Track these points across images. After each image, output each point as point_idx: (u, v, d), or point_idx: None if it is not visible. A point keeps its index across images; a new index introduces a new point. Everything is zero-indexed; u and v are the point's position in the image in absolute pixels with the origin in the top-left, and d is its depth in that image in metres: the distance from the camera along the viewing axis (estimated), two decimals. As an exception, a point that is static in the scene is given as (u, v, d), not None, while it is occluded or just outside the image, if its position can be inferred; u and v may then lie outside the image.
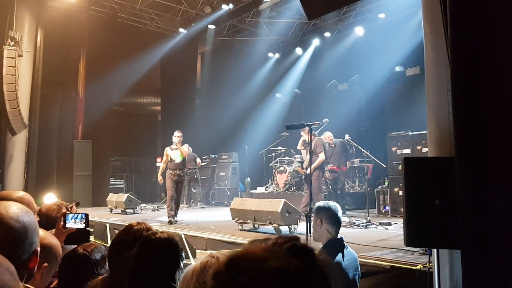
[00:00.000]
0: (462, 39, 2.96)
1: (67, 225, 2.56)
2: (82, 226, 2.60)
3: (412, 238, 3.34)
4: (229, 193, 14.16)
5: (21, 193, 2.63)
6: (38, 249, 1.46)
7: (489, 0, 2.87)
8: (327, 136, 10.93)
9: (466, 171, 2.88)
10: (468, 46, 2.92)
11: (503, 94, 2.83)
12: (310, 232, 4.55)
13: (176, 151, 9.86)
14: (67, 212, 2.62)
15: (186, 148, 10.15)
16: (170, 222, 9.33)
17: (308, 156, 9.09)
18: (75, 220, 2.59)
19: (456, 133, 2.97)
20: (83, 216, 2.63)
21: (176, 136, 9.93)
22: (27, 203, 2.40)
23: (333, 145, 10.98)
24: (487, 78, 2.86)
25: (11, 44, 12.30)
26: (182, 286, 1.76)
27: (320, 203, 3.60)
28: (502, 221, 2.71)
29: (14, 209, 1.44)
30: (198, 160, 13.87)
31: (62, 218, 2.55)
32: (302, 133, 9.60)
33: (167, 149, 9.99)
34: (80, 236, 2.56)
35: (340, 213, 3.44)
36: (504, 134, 2.79)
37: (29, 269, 1.42)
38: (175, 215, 9.62)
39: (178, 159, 9.83)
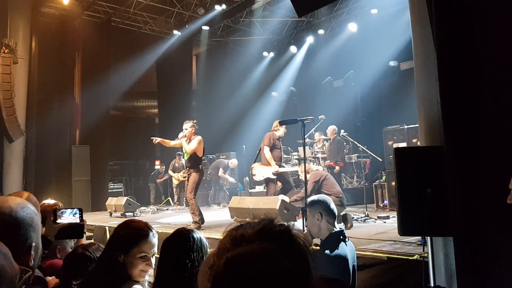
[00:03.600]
0: (447, 28, 2.99)
1: (62, 220, 2.60)
2: (77, 220, 2.64)
3: (405, 227, 3.39)
4: (228, 193, 14.17)
5: (25, 194, 2.66)
6: (34, 244, 1.48)
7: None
8: (331, 129, 11.00)
9: (455, 159, 2.91)
10: (453, 35, 2.96)
11: (489, 82, 2.87)
12: (307, 227, 4.59)
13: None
14: (58, 208, 2.66)
15: (194, 144, 8.11)
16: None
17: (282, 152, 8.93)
18: (73, 216, 2.64)
19: (445, 122, 3.01)
20: (78, 211, 2.68)
21: (183, 128, 8.33)
22: (33, 204, 2.44)
23: (331, 141, 11.07)
24: (473, 67, 2.90)
25: (5, 51, 12.31)
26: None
27: (314, 197, 3.63)
28: (491, 206, 2.74)
29: (9, 204, 1.47)
30: None
31: (53, 213, 2.58)
32: (280, 128, 8.52)
33: (183, 140, 8.29)
34: (73, 230, 2.60)
35: (333, 205, 3.49)
36: (491, 121, 2.82)
37: (24, 264, 1.44)
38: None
39: (184, 157, 8.41)
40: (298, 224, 7.16)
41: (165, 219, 10.50)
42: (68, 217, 2.62)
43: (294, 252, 0.87)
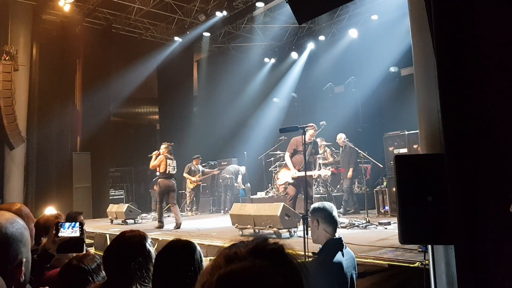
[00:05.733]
0: (447, 36, 2.99)
1: (63, 234, 2.59)
2: (77, 234, 2.62)
3: (406, 235, 3.37)
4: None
5: (17, 205, 2.64)
6: (24, 260, 1.47)
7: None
8: (341, 137, 11.04)
9: (455, 166, 2.91)
10: (453, 43, 2.96)
11: (489, 90, 2.86)
12: (307, 234, 4.58)
13: None
14: (60, 221, 2.65)
15: (153, 162, 10.24)
16: None
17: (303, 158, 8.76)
18: (72, 229, 2.62)
19: (445, 130, 3.01)
20: (79, 225, 2.66)
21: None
22: (26, 214, 2.43)
23: (343, 148, 11.14)
24: (473, 75, 2.90)
25: (6, 58, 12.35)
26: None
27: (315, 204, 3.62)
28: (492, 214, 2.73)
29: None
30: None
31: (55, 227, 2.57)
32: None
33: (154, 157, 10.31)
34: (74, 244, 2.59)
35: (335, 212, 3.46)
36: (491, 129, 2.82)
37: (15, 280, 1.43)
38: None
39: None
40: (299, 230, 7.18)
41: (166, 226, 10.47)
42: (67, 230, 2.61)
43: (288, 270, 0.86)
